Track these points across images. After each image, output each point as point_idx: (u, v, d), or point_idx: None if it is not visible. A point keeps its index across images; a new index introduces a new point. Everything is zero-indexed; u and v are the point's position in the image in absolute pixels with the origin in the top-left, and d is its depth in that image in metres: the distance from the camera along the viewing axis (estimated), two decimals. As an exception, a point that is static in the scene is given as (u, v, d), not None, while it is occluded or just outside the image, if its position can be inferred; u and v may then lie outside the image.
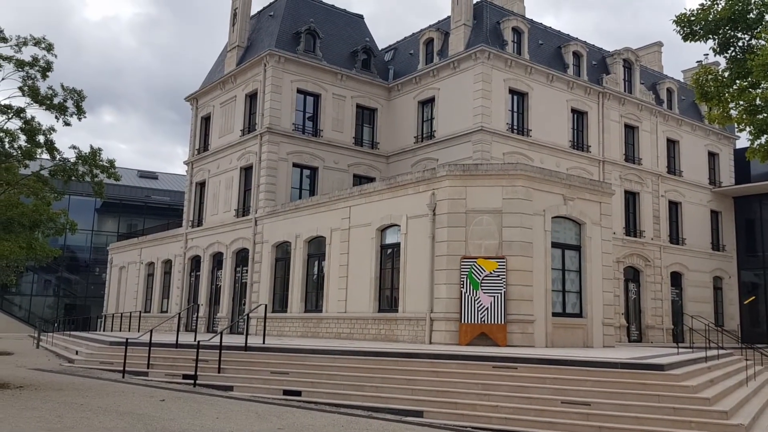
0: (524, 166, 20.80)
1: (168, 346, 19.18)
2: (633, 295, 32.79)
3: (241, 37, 32.87)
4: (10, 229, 15.55)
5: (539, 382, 13.63)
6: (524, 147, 28.95)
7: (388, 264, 22.49)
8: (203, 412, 12.26)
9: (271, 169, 28.82)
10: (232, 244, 30.29)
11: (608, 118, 32.79)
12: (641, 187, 33.94)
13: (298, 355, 16.74)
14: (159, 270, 37.45)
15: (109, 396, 13.96)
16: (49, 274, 55.44)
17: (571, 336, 20.46)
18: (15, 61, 16.31)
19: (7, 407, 11.87)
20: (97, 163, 16.53)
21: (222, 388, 15.82)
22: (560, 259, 20.79)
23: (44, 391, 14.34)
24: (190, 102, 36.10)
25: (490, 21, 29.95)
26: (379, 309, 22.32)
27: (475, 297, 19.25)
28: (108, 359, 20.11)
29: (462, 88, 28.84)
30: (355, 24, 34.86)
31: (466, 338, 19.12)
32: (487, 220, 19.74)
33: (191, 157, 35.20)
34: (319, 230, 25.09)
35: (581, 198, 21.38)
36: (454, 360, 14.93)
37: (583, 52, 32.43)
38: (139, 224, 54.84)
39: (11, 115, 16.19)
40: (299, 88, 30.20)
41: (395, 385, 14.42)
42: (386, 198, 22.49)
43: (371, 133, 32.44)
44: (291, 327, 25.74)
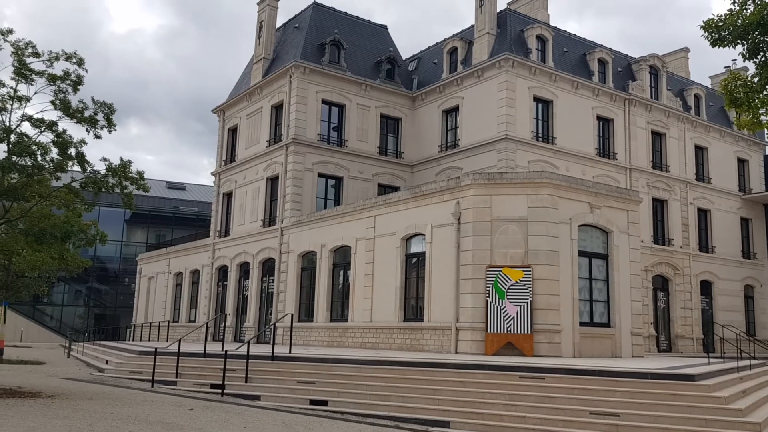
0: (549, 174, 20.68)
1: (196, 355, 19.37)
2: (662, 304, 32.34)
3: (267, 49, 33.25)
4: (43, 240, 15.84)
5: (567, 392, 13.51)
6: (549, 155, 28.81)
7: (413, 273, 22.48)
8: (231, 422, 12.36)
9: (297, 179, 29.04)
10: (259, 254, 30.53)
11: (635, 125, 32.49)
12: (669, 194, 33.53)
13: (324, 365, 16.79)
14: (187, 280, 37.87)
15: (138, 405, 14.13)
16: (80, 284, 56.36)
17: (599, 346, 20.24)
18: (47, 75, 16.66)
19: (39, 416, 12.07)
20: (127, 175, 16.79)
21: (249, 398, 15.93)
22: (587, 267, 20.60)
23: (75, 401, 14.55)
24: (217, 114, 36.58)
25: (513, 29, 29.91)
26: (405, 318, 22.31)
27: (501, 306, 19.16)
28: (137, 369, 20.37)
29: (486, 97, 28.81)
30: (379, 34, 35.07)
31: (492, 348, 19.02)
32: (513, 229, 19.66)
33: (218, 168, 35.63)
34: (345, 240, 25.19)
35: (608, 206, 21.19)
36: (480, 370, 14.86)
37: (608, 59, 32.22)
38: (168, 235, 55.58)
39: (44, 128, 16.53)
40: (324, 99, 30.44)
41: (421, 395, 14.39)
42: (411, 207, 22.52)
43: (395, 142, 32.54)
44: (317, 336, 25.83)
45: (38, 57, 16.61)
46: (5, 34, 16.25)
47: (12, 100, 16.46)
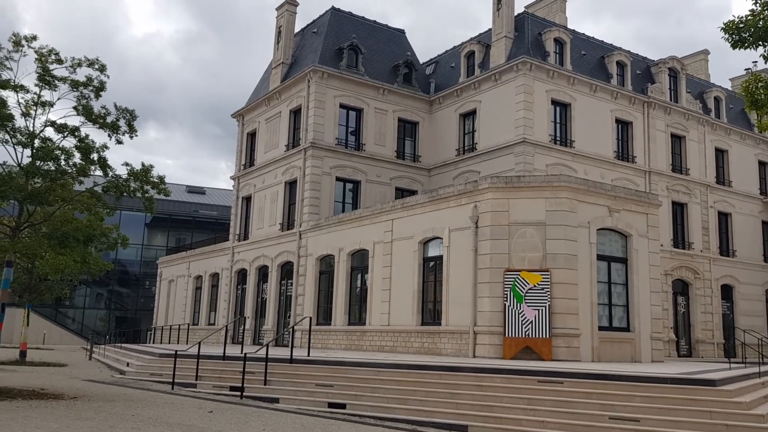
0: (568, 178, 20.61)
1: (215, 358, 19.52)
2: (682, 309, 32.04)
3: (286, 54, 33.49)
4: (66, 243, 16.05)
5: (586, 397, 13.43)
6: (567, 158, 28.70)
7: (430, 277, 22.51)
8: (250, 424, 12.45)
9: (315, 183, 29.20)
10: (277, 257, 30.72)
11: (654, 128, 32.27)
12: (689, 197, 33.24)
13: (343, 368, 16.85)
14: (207, 283, 38.18)
15: (159, 407, 14.26)
16: (101, 287, 57.01)
17: (619, 350, 20.12)
18: (70, 81, 16.90)
19: (62, 417, 12.20)
20: (149, 179, 16.98)
21: (268, 400, 16.01)
22: (606, 271, 20.51)
23: (97, 402, 14.70)
24: (236, 118, 36.90)
25: (531, 32, 29.87)
26: (422, 322, 22.34)
27: (519, 310, 19.12)
28: (158, 371, 20.56)
29: (504, 100, 28.79)
30: (396, 39, 35.18)
31: (510, 352, 18.98)
32: (531, 233, 19.62)
33: (237, 173, 35.91)
34: (362, 243, 25.28)
35: (627, 209, 21.07)
36: (498, 374, 14.84)
37: (626, 62, 32.05)
38: (188, 238, 56.11)
39: (67, 133, 16.76)
40: (342, 103, 30.59)
41: (439, 399, 14.40)
42: (428, 211, 22.56)
43: (413, 146, 32.60)
44: (335, 339, 25.92)
45: (61, 63, 16.85)
46: (29, 41, 16.51)
47: (36, 106, 16.72)
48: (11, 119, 16.16)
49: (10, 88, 16.23)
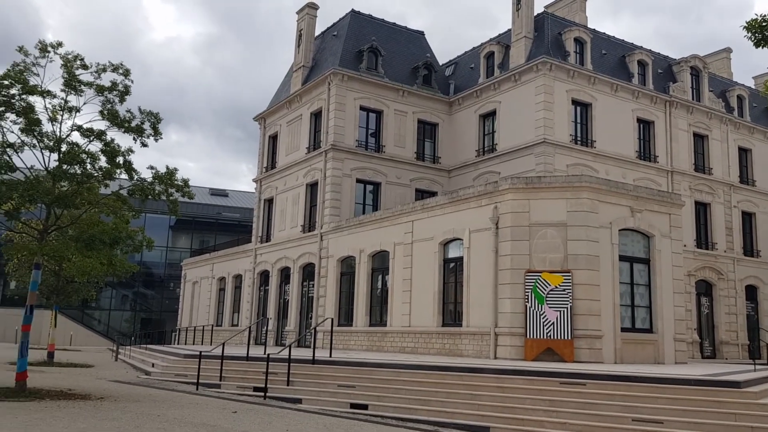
0: (589, 178, 20.52)
1: (239, 359, 19.74)
2: (705, 310, 31.69)
3: (306, 58, 33.72)
4: (92, 246, 16.28)
5: (609, 398, 13.40)
6: (589, 158, 28.56)
7: (451, 278, 22.53)
8: (274, 424, 12.60)
9: (336, 185, 29.37)
10: (299, 258, 30.93)
11: (676, 127, 31.98)
12: (712, 197, 32.88)
13: (364, 369, 16.96)
14: (230, 285, 38.52)
15: (184, 407, 14.45)
16: (127, 289, 57.71)
17: (642, 352, 19.99)
18: (95, 86, 17.13)
19: (89, 417, 12.41)
20: (173, 183, 17.16)
21: (291, 401, 16.17)
22: (628, 272, 20.39)
23: (123, 402, 14.92)
24: (258, 121, 37.22)
25: (551, 32, 29.77)
26: (443, 323, 22.37)
27: (540, 311, 19.09)
28: (182, 371, 20.81)
29: (524, 101, 28.72)
30: (415, 40, 35.25)
31: (531, 353, 18.96)
32: (552, 234, 19.58)
33: (260, 175, 36.21)
34: (383, 245, 25.37)
35: (649, 210, 20.93)
36: (520, 375, 14.84)
37: (648, 61, 31.81)
38: (211, 240, 56.62)
39: (92, 137, 17.00)
40: (362, 105, 30.73)
41: (460, 400, 14.44)
42: (448, 212, 22.59)
43: (433, 147, 32.65)
44: (356, 340, 26.04)
45: (86, 69, 17.06)
46: (55, 47, 16.76)
47: (62, 111, 16.96)
48: (39, 124, 16.40)
49: (38, 94, 16.45)
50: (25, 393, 15.20)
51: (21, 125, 16.31)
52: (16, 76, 16.01)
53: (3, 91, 15.89)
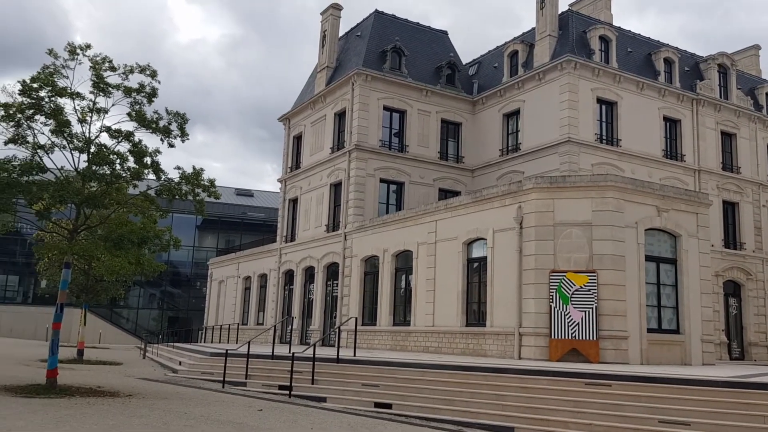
0: (614, 177, 20.36)
1: (264, 357, 19.91)
2: (734, 311, 31.21)
3: (330, 58, 33.86)
4: (121, 245, 16.51)
5: (635, 400, 13.29)
6: (614, 157, 28.30)
7: (474, 278, 22.49)
8: (299, 423, 12.70)
9: (359, 185, 29.47)
10: (323, 258, 31.09)
11: (703, 126, 31.55)
12: (741, 196, 32.37)
13: (388, 368, 17.01)
14: (255, 284, 38.84)
15: (210, 405, 14.63)
16: (154, 288, 58.45)
17: (668, 353, 19.78)
18: (123, 88, 17.35)
19: (117, 414, 12.61)
20: (200, 183, 17.33)
21: (316, 399, 16.28)
22: (655, 273, 20.19)
23: (151, 400, 15.13)
24: (282, 122, 37.48)
25: (576, 30, 29.55)
26: (467, 323, 22.34)
27: (565, 312, 18.98)
28: (209, 370, 21.05)
29: (548, 100, 28.55)
30: (439, 40, 35.21)
31: (556, 354, 18.86)
32: (577, 233, 19.45)
33: (284, 175, 36.46)
34: (406, 244, 25.40)
35: (676, 209, 20.70)
36: (544, 376, 14.78)
37: (674, 59, 31.43)
38: (237, 240, 57.10)
39: (121, 138, 17.24)
40: (385, 105, 30.79)
41: (484, 401, 14.43)
42: (472, 212, 22.55)
43: (456, 147, 32.60)
44: (380, 340, 26.11)
45: (114, 71, 17.25)
46: (84, 50, 17.00)
47: (91, 113, 17.20)
48: (68, 125, 16.66)
49: (67, 96, 16.72)
50: (56, 390, 15.48)
51: (51, 127, 16.59)
52: (45, 79, 16.29)
53: (33, 94, 16.20)
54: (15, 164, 15.83)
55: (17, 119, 16.14)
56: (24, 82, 16.09)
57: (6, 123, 16.14)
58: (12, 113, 16.03)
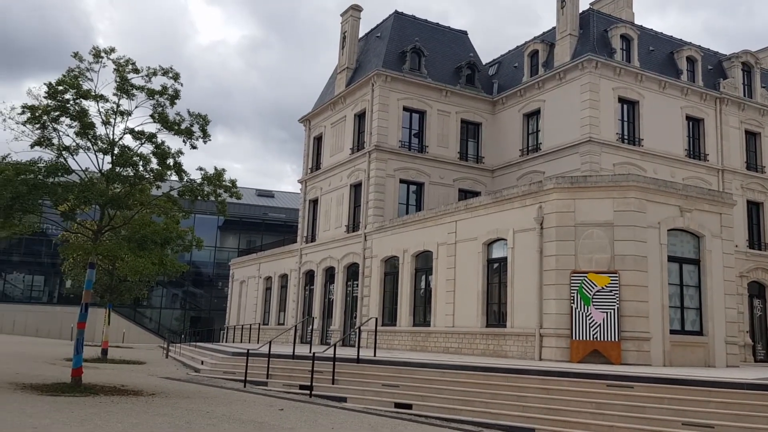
0: (636, 177, 20.19)
1: (285, 357, 20.04)
2: (759, 312, 30.75)
3: (350, 59, 33.96)
4: (144, 246, 16.71)
5: (657, 402, 13.19)
6: (636, 157, 28.05)
7: (495, 278, 22.43)
8: (319, 422, 12.78)
9: (379, 185, 29.53)
10: (343, 258, 31.19)
11: (727, 125, 31.15)
12: (765, 196, 31.90)
13: (408, 369, 17.03)
14: (276, 284, 39.06)
15: (232, 404, 14.77)
16: (177, 288, 59.06)
17: (691, 355, 19.57)
18: (146, 90, 17.56)
19: (141, 413, 12.78)
20: (221, 183, 17.51)
21: (336, 399, 16.36)
22: (677, 273, 19.98)
23: (174, 399, 15.31)
24: (303, 123, 37.66)
25: (597, 29, 29.35)
26: (487, 324, 22.28)
27: (586, 313, 18.86)
28: (231, 369, 21.23)
29: (569, 99, 28.39)
30: (459, 40, 35.16)
31: (577, 355, 18.75)
32: (598, 234, 19.32)
33: (305, 176, 36.64)
34: (426, 245, 25.39)
35: (699, 209, 20.48)
36: (565, 377, 14.71)
37: (697, 57, 31.08)
38: (258, 240, 57.50)
39: (144, 140, 17.46)
40: (405, 106, 30.81)
41: (505, 401, 14.40)
42: (492, 212, 22.49)
43: (476, 147, 32.52)
44: (400, 340, 26.13)
45: (137, 73, 17.47)
46: (108, 53, 17.24)
47: (115, 115, 17.44)
48: (92, 127, 16.90)
49: (91, 98, 16.97)
50: (81, 388, 15.71)
51: (76, 129, 16.84)
52: (70, 82, 16.54)
53: (58, 96, 16.45)
54: (41, 166, 16.10)
55: (43, 121, 16.40)
56: (50, 84, 16.36)
57: (32, 125, 16.41)
58: (38, 115, 16.29)
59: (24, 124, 16.32)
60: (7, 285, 57.84)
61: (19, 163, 15.93)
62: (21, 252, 56.94)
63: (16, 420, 11.05)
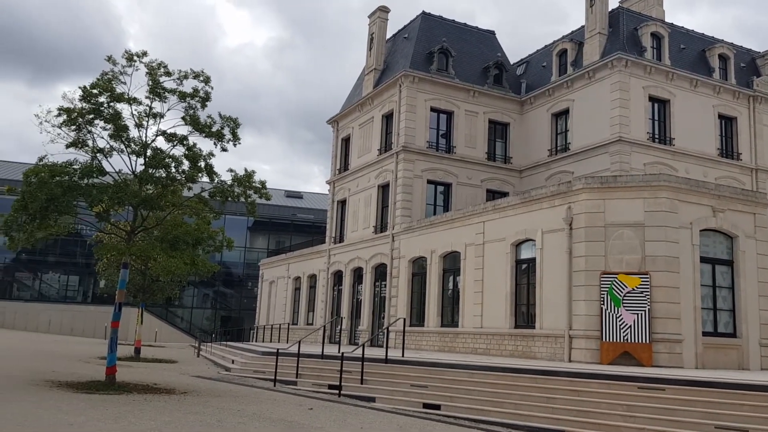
0: (668, 177, 19.93)
1: (314, 357, 20.18)
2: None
3: (378, 61, 34.06)
4: (176, 246, 16.92)
5: (689, 405, 13.01)
6: (667, 157, 27.69)
7: (523, 279, 22.32)
8: (348, 422, 12.84)
9: (407, 186, 29.56)
10: (371, 259, 31.29)
11: (761, 123, 30.57)
12: (803, 195, 31.22)
13: (437, 369, 17.04)
14: (305, 284, 39.32)
15: (262, 403, 14.91)
16: (207, 288, 59.79)
17: (724, 357, 19.26)
18: (178, 93, 17.80)
19: (174, 411, 12.93)
20: (251, 185, 17.68)
21: (365, 399, 16.42)
22: (710, 274, 19.68)
23: (205, 397, 15.48)
24: (331, 125, 37.86)
25: (626, 28, 29.04)
26: (516, 325, 22.18)
27: (616, 314, 18.68)
28: (261, 368, 21.42)
29: (598, 98, 28.13)
30: (486, 40, 35.04)
31: (607, 357, 18.57)
32: (628, 234, 19.12)
33: (332, 177, 36.83)
34: (454, 245, 25.36)
35: (732, 209, 20.15)
36: (596, 379, 14.59)
37: (729, 54, 30.56)
38: (287, 241, 57.96)
39: (176, 142, 17.70)
40: (433, 107, 30.81)
41: (534, 403, 14.33)
42: (520, 212, 22.39)
43: (504, 147, 32.39)
44: (428, 341, 26.13)
45: (169, 76, 17.69)
46: (140, 57, 17.52)
47: (147, 117, 17.72)
48: (126, 130, 17.19)
49: (125, 101, 17.27)
50: (115, 386, 15.96)
51: (110, 131, 17.16)
52: (104, 85, 16.85)
53: (92, 99, 16.77)
54: (76, 167, 16.42)
55: (78, 123, 16.72)
56: (84, 88, 16.67)
57: (68, 127, 16.75)
58: (74, 118, 16.62)
59: (60, 126, 16.65)
60: (42, 285, 59.09)
61: (54, 164, 16.23)
62: (56, 252, 58.12)
63: (53, 417, 11.29)
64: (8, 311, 54.82)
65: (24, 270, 58.69)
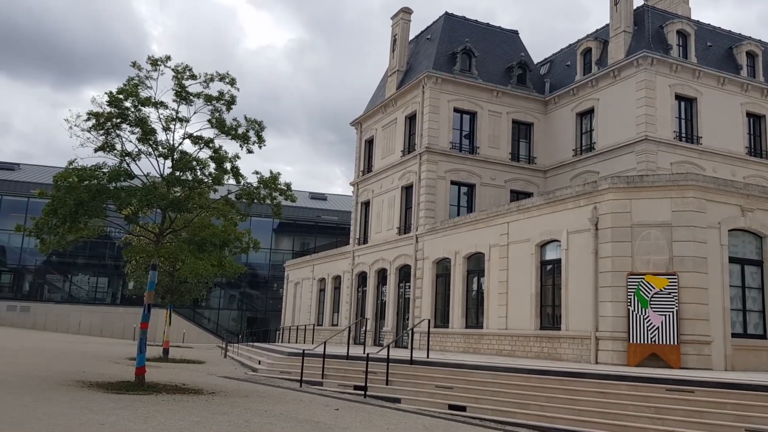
0: (695, 176, 19.69)
1: (339, 357, 20.28)
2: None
3: (401, 62, 34.11)
4: (204, 248, 17.12)
5: (719, 407, 12.85)
6: (694, 156, 27.35)
7: (548, 280, 22.19)
8: (374, 423, 12.90)
9: (430, 187, 29.56)
10: (395, 260, 31.33)
11: (791, 121, 30.04)
12: (835, 194, 30.61)
13: (462, 371, 17.02)
14: (329, 285, 39.49)
15: (289, 404, 15.03)
16: (234, 289, 60.33)
17: (755, 359, 18.96)
18: (204, 96, 18.00)
19: (202, 411, 13.09)
20: (277, 187, 17.83)
21: (390, 400, 16.47)
22: (739, 275, 19.40)
23: (232, 398, 15.64)
24: (354, 126, 37.99)
25: (652, 26, 28.74)
26: (541, 326, 22.06)
27: (644, 315, 18.50)
28: (287, 369, 21.59)
29: (623, 97, 27.87)
30: (509, 40, 34.91)
31: (635, 359, 18.40)
32: (655, 234, 18.93)
33: (356, 179, 36.95)
34: (478, 246, 25.30)
35: (762, 209, 19.83)
36: (623, 381, 14.47)
37: (757, 52, 30.10)
38: (311, 242, 58.27)
39: (202, 145, 17.90)
40: (456, 107, 30.77)
41: (560, 405, 14.25)
42: (545, 213, 22.26)
43: (528, 147, 32.23)
44: (452, 342, 26.10)
45: (195, 79, 17.89)
46: (164, 61, 17.74)
47: (174, 121, 17.93)
48: (153, 133, 17.43)
49: (151, 105, 17.52)
50: (144, 387, 16.18)
51: (137, 135, 17.42)
52: (130, 90, 17.10)
53: (119, 104, 17.04)
54: (104, 171, 16.70)
55: (107, 128, 17.00)
56: (111, 93, 16.95)
57: (96, 132, 17.03)
58: (102, 122, 16.89)
59: (89, 130, 16.93)
60: (72, 287, 60.07)
61: (83, 168, 16.50)
62: (86, 255, 59.06)
63: (84, 417, 11.49)
64: (39, 313, 55.83)
65: (54, 272, 59.73)
